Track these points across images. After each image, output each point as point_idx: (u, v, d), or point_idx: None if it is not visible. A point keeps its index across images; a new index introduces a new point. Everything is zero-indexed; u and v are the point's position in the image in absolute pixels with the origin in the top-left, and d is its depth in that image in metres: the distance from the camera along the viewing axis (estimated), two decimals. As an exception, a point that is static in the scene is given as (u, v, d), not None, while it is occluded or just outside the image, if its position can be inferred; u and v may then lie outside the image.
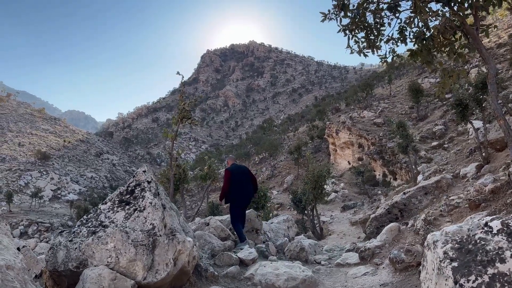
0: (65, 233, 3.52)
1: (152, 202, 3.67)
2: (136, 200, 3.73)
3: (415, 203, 11.15)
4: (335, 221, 24.99)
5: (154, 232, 3.48)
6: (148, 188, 3.85)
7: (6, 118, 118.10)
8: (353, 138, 44.00)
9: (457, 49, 5.10)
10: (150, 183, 3.93)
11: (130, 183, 4.03)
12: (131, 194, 3.81)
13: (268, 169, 55.15)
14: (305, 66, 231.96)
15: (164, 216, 3.71)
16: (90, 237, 3.31)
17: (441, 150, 29.28)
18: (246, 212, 7.63)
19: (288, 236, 9.63)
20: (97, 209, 3.76)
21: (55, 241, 3.44)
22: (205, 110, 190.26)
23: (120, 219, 3.56)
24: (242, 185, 6.80)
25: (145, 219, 3.56)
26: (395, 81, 64.64)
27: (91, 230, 3.40)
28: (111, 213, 3.64)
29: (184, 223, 4.75)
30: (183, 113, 8.35)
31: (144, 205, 3.65)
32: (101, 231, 3.33)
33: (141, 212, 3.60)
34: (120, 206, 3.70)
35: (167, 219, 3.78)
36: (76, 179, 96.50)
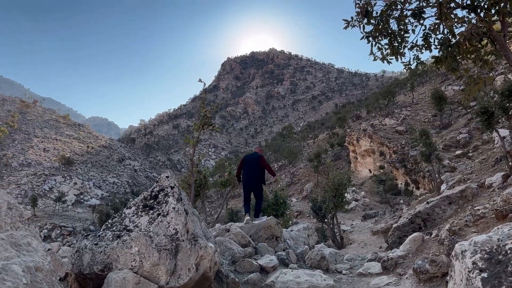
0: (90, 236, 3.60)
1: (175, 207, 3.71)
2: (160, 205, 3.78)
3: (438, 213, 10.90)
4: (356, 230, 24.61)
5: (177, 237, 3.52)
6: (171, 193, 3.90)
7: (32, 124, 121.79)
8: (375, 146, 43.43)
9: (483, 56, 5.00)
10: (173, 189, 3.98)
11: (153, 188, 4.10)
12: (155, 199, 3.87)
13: (287, 176, 54.94)
14: (325, 73, 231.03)
15: (187, 221, 3.75)
16: (115, 241, 3.37)
17: (465, 159, 28.59)
18: (266, 219, 7.96)
19: (308, 244, 9.55)
20: (122, 213, 3.83)
21: (81, 244, 3.52)
22: (225, 117, 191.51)
23: (144, 223, 3.61)
24: (248, 170, 8.36)
25: (168, 224, 3.60)
26: (418, 89, 63.62)
27: (116, 234, 3.46)
28: (135, 217, 3.70)
29: (205, 228, 4.78)
30: (204, 120, 8.44)
31: (168, 210, 3.69)
32: (126, 235, 3.39)
33: (164, 217, 3.65)
34: (144, 210, 3.76)
35: (190, 224, 3.82)
36: (99, 184, 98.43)
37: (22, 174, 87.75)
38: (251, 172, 8.36)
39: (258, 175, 8.39)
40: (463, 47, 4.42)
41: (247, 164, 8.47)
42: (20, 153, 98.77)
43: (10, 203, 2.73)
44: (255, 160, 8.46)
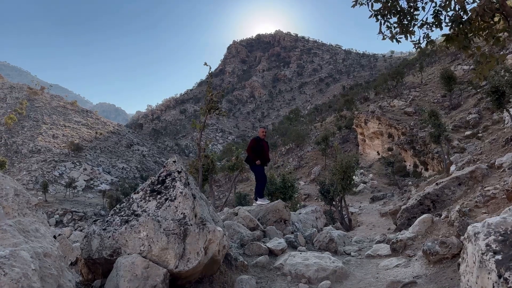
0: (99, 222, 3.61)
1: (183, 192, 3.70)
2: (167, 189, 3.77)
3: (448, 194, 10.82)
4: (364, 212, 24.64)
5: (185, 221, 3.51)
6: (179, 178, 3.88)
7: (41, 111, 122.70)
8: (383, 128, 43.10)
9: (495, 33, 4.84)
10: (180, 173, 3.96)
11: (161, 173, 4.08)
12: (162, 184, 3.86)
13: (295, 159, 54.93)
14: (333, 55, 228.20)
15: (195, 205, 3.74)
16: (123, 226, 3.37)
17: (475, 139, 28.26)
18: (274, 202, 7.93)
19: (317, 227, 9.56)
20: (130, 198, 3.83)
21: (89, 230, 3.53)
22: (232, 101, 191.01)
23: (152, 208, 3.61)
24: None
25: (176, 209, 3.59)
26: (427, 69, 62.63)
27: (124, 219, 3.46)
28: (143, 202, 3.70)
29: (213, 212, 4.77)
30: (211, 104, 8.38)
31: (175, 194, 3.68)
32: (134, 220, 3.39)
33: (172, 201, 3.63)
34: (151, 195, 3.75)
35: (198, 208, 3.80)
36: (108, 169, 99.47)
37: (33, 161, 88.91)
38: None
39: (249, 159, 8.56)
40: (475, 24, 4.27)
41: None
42: (29, 140, 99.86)
43: (17, 190, 2.73)
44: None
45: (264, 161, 8.51)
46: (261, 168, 8.45)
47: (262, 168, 8.50)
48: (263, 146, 8.49)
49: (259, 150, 8.36)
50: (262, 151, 8.43)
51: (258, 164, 8.31)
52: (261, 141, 8.48)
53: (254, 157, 8.33)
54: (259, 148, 8.36)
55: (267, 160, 8.71)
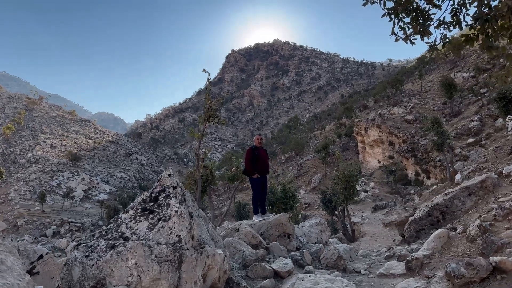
0: (81, 246, 3.15)
1: (178, 211, 3.25)
2: (161, 208, 3.32)
3: (458, 205, 10.36)
4: (367, 222, 24.14)
5: (180, 245, 3.06)
6: (174, 194, 3.44)
7: (39, 121, 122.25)
8: (383, 136, 42.72)
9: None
10: (176, 189, 3.52)
11: (154, 188, 3.64)
12: (155, 202, 3.41)
13: (294, 168, 54.44)
14: (331, 63, 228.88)
15: (192, 226, 3.29)
16: (108, 252, 2.91)
17: (478, 147, 27.84)
18: (277, 216, 7.50)
19: (321, 241, 9.10)
20: (118, 218, 3.38)
21: (71, 256, 3.07)
22: (230, 109, 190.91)
23: (143, 230, 3.16)
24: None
25: (171, 230, 3.15)
26: (426, 76, 62.48)
27: (110, 244, 3.00)
28: (133, 223, 3.25)
29: (213, 230, 4.33)
30: (210, 112, 7.96)
31: (169, 214, 3.23)
32: (121, 245, 2.93)
33: (166, 222, 3.19)
34: (142, 215, 3.30)
35: (195, 229, 3.36)
36: (106, 179, 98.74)
37: (30, 171, 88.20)
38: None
39: (247, 171, 8.10)
40: (506, 21, 3.86)
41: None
42: (27, 150, 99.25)
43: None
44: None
45: (262, 171, 8.01)
46: (259, 180, 7.92)
47: (260, 180, 7.96)
48: (260, 155, 7.98)
49: (256, 160, 7.88)
50: (260, 161, 7.92)
51: (256, 177, 7.83)
52: (258, 150, 8.00)
53: (251, 168, 7.84)
54: (256, 157, 7.88)
55: (266, 169, 8.20)
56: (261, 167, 7.99)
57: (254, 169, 7.87)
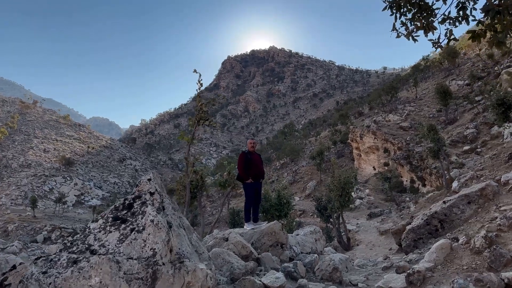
0: (40, 261, 2.73)
1: (154, 220, 2.86)
2: (135, 217, 2.93)
3: (457, 214, 10.02)
4: (362, 229, 23.76)
5: (155, 260, 2.67)
6: (150, 201, 3.06)
7: (33, 125, 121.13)
8: (379, 143, 42.52)
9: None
10: (153, 195, 3.13)
11: (131, 194, 3.25)
12: (129, 209, 3.02)
13: (289, 174, 54.08)
14: (326, 70, 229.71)
15: (170, 237, 2.90)
16: (69, 268, 2.51)
17: (474, 154, 27.68)
18: (270, 224, 7.12)
19: (316, 250, 8.70)
20: (86, 228, 2.98)
21: (27, 272, 2.66)
22: (226, 115, 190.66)
23: (113, 242, 2.77)
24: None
25: (144, 243, 2.75)
26: (421, 84, 62.61)
27: (72, 258, 2.59)
28: (103, 233, 2.85)
29: (197, 241, 3.93)
30: (200, 114, 7.58)
31: (144, 223, 2.84)
32: (84, 260, 2.53)
33: (139, 233, 2.80)
34: (114, 225, 2.91)
35: (174, 241, 2.97)
36: (99, 184, 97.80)
37: (22, 175, 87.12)
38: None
39: (240, 176, 7.73)
40: None
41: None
42: (20, 154, 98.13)
43: None
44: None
45: (256, 177, 7.59)
46: (252, 186, 7.49)
47: (254, 186, 7.52)
48: (253, 160, 7.56)
49: (250, 165, 7.46)
50: (253, 166, 7.50)
51: (250, 182, 7.42)
52: (251, 155, 7.59)
53: (245, 174, 7.42)
54: (249, 162, 7.47)
55: (261, 174, 7.75)
56: (254, 172, 7.58)
57: (248, 175, 7.47)
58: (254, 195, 7.59)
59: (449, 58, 60.72)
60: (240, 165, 7.52)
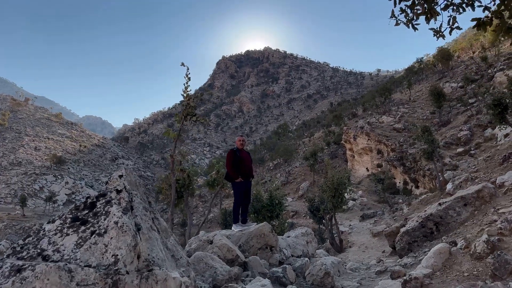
0: (-20, 268, 2.34)
1: (119, 222, 2.48)
2: (97, 218, 2.55)
3: (453, 216, 9.73)
4: (355, 231, 23.48)
5: (116, 268, 2.29)
6: (116, 200, 2.68)
7: (24, 123, 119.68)
8: (372, 144, 42.35)
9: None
10: (121, 193, 2.75)
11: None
12: (91, 209, 2.64)
13: (282, 175, 53.77)
14: (320, 72, 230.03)
15: (137, 242, 2.52)
16: (11, 278, 2.11)
17: (468, 156, 27.55)
18: (259, 225, 6.74)
19: (308, 253, 8.35)
20: (41, 230, 2.59)
21: (-37, 281, 2.27)
22: (220, 115, 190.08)
23: (70, 246, 2.38)
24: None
25: (106, 248, 2.38)
26: (414, 86, 62.63)
27: (16, 266, 2.20)
28: (58, 236, 2.47)
29: (175, 245, 3.56)
30: (187, 110, 7.19)
31: (106, 225, 2.46)
32: (29, 268, 2.14)
33: (100, 236, 2.42)
34: (72, 226, 2.52)
35: (143, 246, 2.59)
36: (91, 183, 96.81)
37: (12, 174, 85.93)
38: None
39: (229, 176, 7.27)
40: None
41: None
42: (10, 152, 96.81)
43: None
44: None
45: (246, 176, 7.17)
46: (241, 186, 7.08)
47: (244, 185, 7.11)
48: (242, 158, 7.14)
49: (238, 164, 7.05)
50: (242, 164, 7.09)
51: (239, 181, 7.04)
52: (240, 152, 7.18)
53: (234, 173, 7.00)
54: (239, 160, 7.06)
55: (250, 173, 7.34)
56: (244, 171, 7.15)
57: (237, 173, 7.06)
58: (243, 195, 7.19)
59: (442, 60, 60.84)
60: (228, 163, 7.10)
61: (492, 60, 49.80)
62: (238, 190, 7.11)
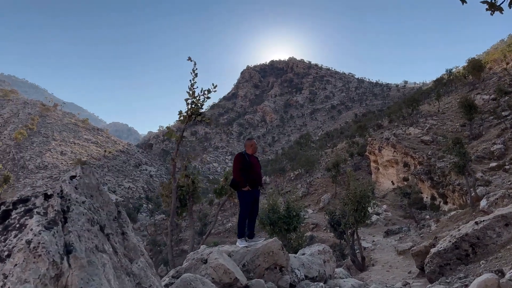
0: None
1: (33, 241, 1.70)
2: (6, 233, 1.77)
3: (492, 237, 8.56)
4: (378, 248, 22.14)
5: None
6: (41, 209, 1.89)
7: (52, 127, 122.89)
8: (398, 156, 40.70)
9: None
10: (50, 199, 1.97)
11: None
12: (2, 221, 1.86)
13: (303, 186, 52.51)
14: (345, 82, 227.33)
15: (61, 271, 1.72)
16: None
17: (502, 171, 25.82)
18: (267, 242, 5.93)
19: (324, 274, 7.38)
20: None
21: None
22: (243, 124, 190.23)
23: (-45, 276, 1.60)
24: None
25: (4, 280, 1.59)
26: (443, 98, 60.42)
27: None
28: None
29: (144, 268, 2.76)
30: (192, 109, 6.43)
31: (13, 246, 1.68)
32: None
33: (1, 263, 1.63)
34: (-32, 245, 1.74)
35: (74, 276, 1.80)
36: (114, 188, 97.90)
37: (38, 177, 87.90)
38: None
39: (235, 182, 6.26)
40: None
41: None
42: (37, 156, 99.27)
43: None
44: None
45: (255, 184, 6.24)
46: (249, 195, 6.15)
47: (252, 195, 6.20)
48: (252, 163, 6.21)
49: (247, 169, 6.12)
50: (252, 170, 6.15)
51: (247, 190, 6.09)
52: (250, 157, 6.26)
53: (241, 179, 6.05)
54: (248, 166, 6.13)
55: (259, 181, 6.38)
56: (253, 178, 6.20)
57: (245, 181, 6.08)
58: (250, 205, 6.29)
59: (473, 71, 58.54)
60: (236, 168, 6.16)
61: (528, 72, 47.44)
62: (245, 200, 6.19)
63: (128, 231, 2.98)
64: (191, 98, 6.53)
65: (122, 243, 2.85)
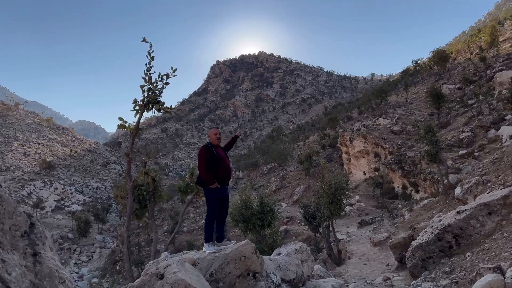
0: None
1: None
2: None
3: (475, 227, 8.16)
4: (353, 239, 21.88)
5: None
6: None
7: (13, 128, 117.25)
8: (369, 147, 40.91)
9: None
10: None
11: None
12: None
13: (277, 179, 52.15)
14: (315, 76, 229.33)
15: None
16: None
17: (471, 159, 26.14)
18: (238, 245, 5.13)
19: (302, 275, 6.72)
20: None
21: None
22: (214, 120, 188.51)
23: None
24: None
25: None
26: (411, 89, 61.48)
27: None
28: None
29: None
30: (149, 96, 5.57)
31: None
32: None
33: None
34: None
35: None
36: (81, 189, 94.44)
37: (0, 179, 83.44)
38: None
39: (200, 179, 5.38)
40: None
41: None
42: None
43: None
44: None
45: (224, 180, 5.35)
46: (217, 193, 5.28)
47: (220, 193, 5.32)
48: (220, 156, 5.33)
49: (215, 164, 5.23)
50: (220, 165, 5.28)
51: (214, 187, 5.22)
52: (216, 149, 5.37)
53: (209, 176, 5.17)
54: (216, 160, 5.25)
55: (228, 175, 5.46)
56: (223, 174, 5.34)
57: (213, 177, 5.23)
58: (219, 205, 5.45)
59: (439, 62, 59.77)
60: (201, 164, 5.20)
61: (491, 61, 48.78)
62: (213, 198, 5.33)
63: (42, 250, 2.18)
64: (148, 84, 5.67)
65: (32, 269, 2.05)
